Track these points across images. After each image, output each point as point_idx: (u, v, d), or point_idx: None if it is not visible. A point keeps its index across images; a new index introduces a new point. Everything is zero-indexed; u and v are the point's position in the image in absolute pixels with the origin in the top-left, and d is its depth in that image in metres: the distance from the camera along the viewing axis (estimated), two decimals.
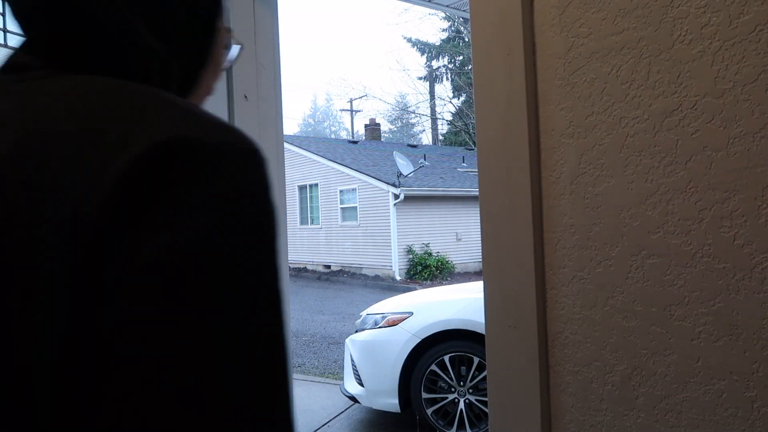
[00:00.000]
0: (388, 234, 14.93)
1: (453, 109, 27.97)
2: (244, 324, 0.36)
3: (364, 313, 4.34)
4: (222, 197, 0.37)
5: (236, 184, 0.39)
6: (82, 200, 0.36)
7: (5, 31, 1.07)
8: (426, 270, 14.29)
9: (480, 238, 0.97)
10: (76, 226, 0.35)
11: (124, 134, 0.38)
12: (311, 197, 18.03)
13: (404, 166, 14.53)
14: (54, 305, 0.35)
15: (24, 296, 0.36)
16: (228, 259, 0.37)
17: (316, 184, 17.65)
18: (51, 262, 0.36)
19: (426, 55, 29.07)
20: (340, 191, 16.74)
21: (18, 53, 0.50)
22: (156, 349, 0.34)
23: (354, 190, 16.19)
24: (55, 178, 0.38)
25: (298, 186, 18.14)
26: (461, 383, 3.80)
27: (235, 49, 0.65)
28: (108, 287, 0.35)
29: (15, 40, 1.07)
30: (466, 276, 14.42)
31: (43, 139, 0.39)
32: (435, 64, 29.04)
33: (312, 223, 17.88)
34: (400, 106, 33.99)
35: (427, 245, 14.98)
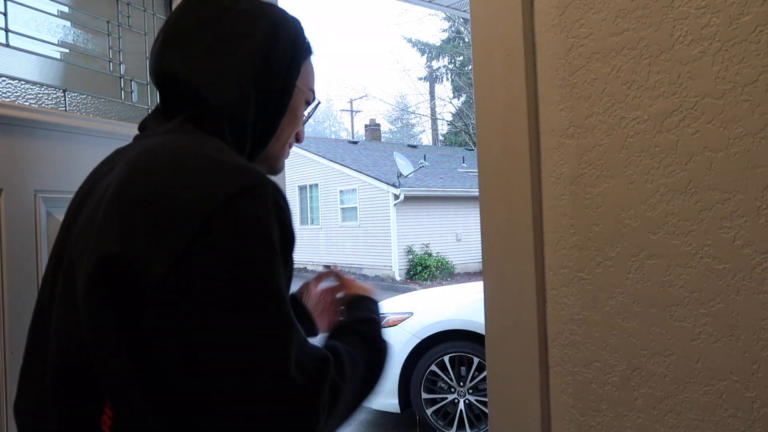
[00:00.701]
0: (388, 234, 14.93)
1: (453, 110, 27.97)
2: (253, 304, 0.55)
3: None
4: (230, 233, 0.55)
5: (238, 220, 0.55)
6: (110, 242, 0.55)
7: (7, 30, 1.07)
8: (426, 270, 14.29)
9: (480, 238, 0.97)
10: (104, 260, 0.54)
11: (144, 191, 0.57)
12: (311, 197, 18.03)
13: (404, 166, 14.52)
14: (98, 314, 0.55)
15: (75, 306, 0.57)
16: (233, 267, 0.55)
17: (316, 185, 17.65)
18: (88, 281, 0.55)
19: (426, 55, 29.06)
20: (340, 191, 16.74)
21: (146, 118, 0.74)
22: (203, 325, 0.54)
23: (354, 190, 16.19)
24: (99, 223, 0.57)
25: (298, 186, 18.13)
26: (461, 383, 3.80)
27: (313, 105, 0.84)
28: (161, 291, 0.53)
29: (17, 40, 1.07)
30: (466, 276, 14.41)
31: (105, 191, 0.60)
32: (435, 64, 29.03)
33: (312, 223, 17.87)
34: (400, 107, 34.00)
35: (427, 245, 14.98)
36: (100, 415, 0.54)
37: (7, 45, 1.06)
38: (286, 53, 0.72)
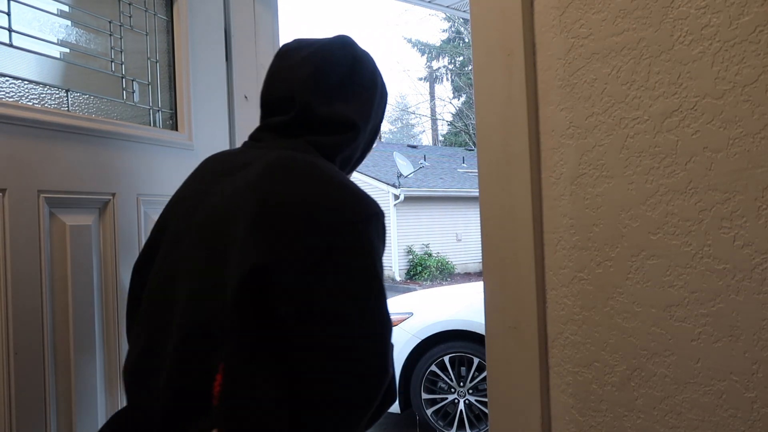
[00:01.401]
0: (387, 234, 14.91)
1: (453, 110, 27.97)
2: (364, 305, 0.71)
3: None
4: (354, 249, 0.71)
5: (360, 240, 0.71)
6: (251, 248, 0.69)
7: (11, 30, 1.07)
8: (426, 270, 14.29)
9: (480, 239, 0.97)
10: (254, 270, 0.66)
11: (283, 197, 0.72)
12: None
13: (404, 166, 14.51)
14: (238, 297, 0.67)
15: (223, 287, 0.69)
16: (352, 275, 0.71)
17: None
18: (240, 283, 0.67)
19: (426, 55, 29.05)
20: None
21: (258, 129, 0.88)
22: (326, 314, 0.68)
23: None
24: (251, 231, 0.70)
25: None
26: (461, 384, 3.80)
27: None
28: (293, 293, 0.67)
29: (20, 40, 1.07)
30: (466, 276, 14.41)
31: (245, 191, 0.74)
32: (435, 64, 29.02)
33: None
34: (400, 107, 33.98)
35: (427, 246, 14.97)
36: (213, 379, 0.66)
37: (11, 45, 1.07)
38: (384, 104, 0.95)
